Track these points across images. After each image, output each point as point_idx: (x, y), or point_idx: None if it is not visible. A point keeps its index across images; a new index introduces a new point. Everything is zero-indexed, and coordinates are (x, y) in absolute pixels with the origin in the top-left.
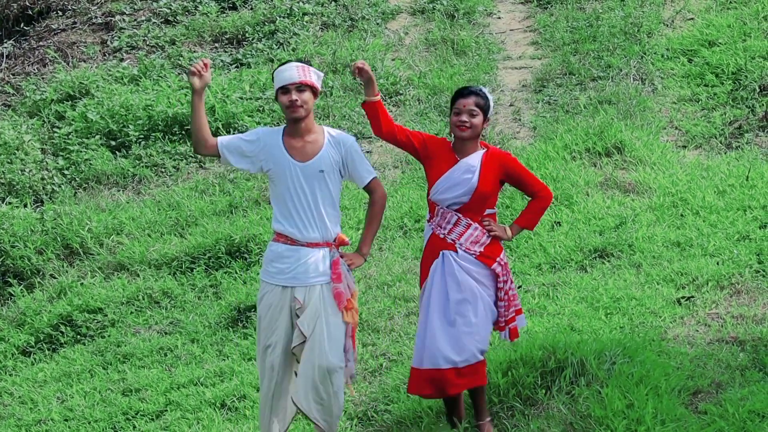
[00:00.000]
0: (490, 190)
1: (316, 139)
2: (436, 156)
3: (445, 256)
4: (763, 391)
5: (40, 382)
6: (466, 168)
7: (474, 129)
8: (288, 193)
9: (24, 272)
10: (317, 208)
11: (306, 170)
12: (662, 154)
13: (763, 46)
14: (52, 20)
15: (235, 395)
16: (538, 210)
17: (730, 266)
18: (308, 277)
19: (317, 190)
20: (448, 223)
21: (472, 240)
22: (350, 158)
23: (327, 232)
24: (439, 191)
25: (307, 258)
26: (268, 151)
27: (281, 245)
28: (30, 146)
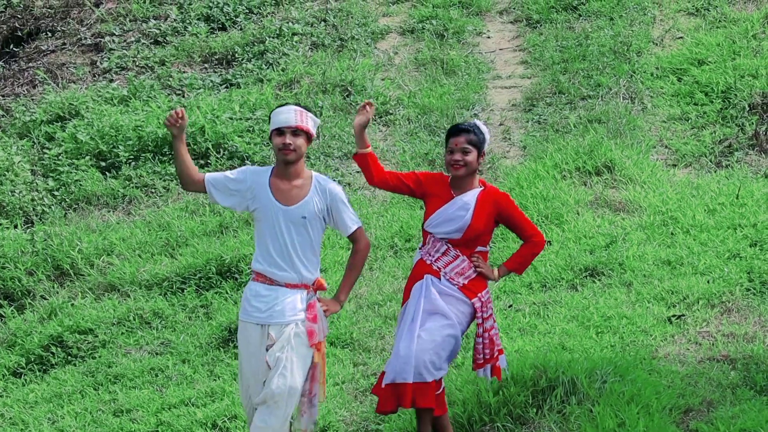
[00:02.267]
0: (482, 228)
1: (303, 185)
2: (433, 192)
3: (427, 279)
4: (754, 410)
5: (31, 403)
6: (461, 205)
7: (468, 166)
8: (269, 235)
9: (14, 293)
10: (296, 253)
11: (288, 215)
12: (652, 172)
13: (752, 65)
14: (42, 41)
15: (227, 415)
16: (529, 255)
17: (721, 284)
18: (284, 317)
19: (296, 236)
20: (437, 251)
21: (458, 271)
22: (335, 208)
23: (305, 275)
24: (432, 225)
25: (285, 298)
26: (254, 190)
27: (260, 285)
28: (20, 167)
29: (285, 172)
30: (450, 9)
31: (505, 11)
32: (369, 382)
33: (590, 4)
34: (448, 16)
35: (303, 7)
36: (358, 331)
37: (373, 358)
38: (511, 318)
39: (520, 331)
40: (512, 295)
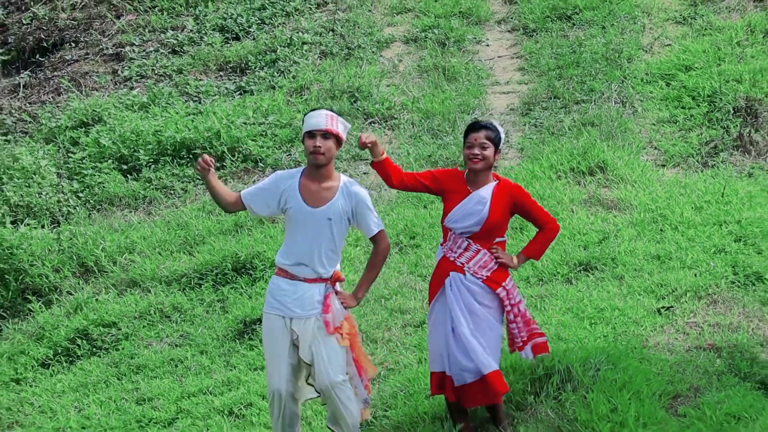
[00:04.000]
0: (500, 220)
1: (331, 187)
2: (450, 188)
3: (453, 277)
4: (738, 395)
5: (58, 392)
6: (478, 200)
7: (486, 161)
8: (295, 233)
9: (42, 289)
10: (318, 251)
11: (314, 216)
12: (642, 172)
13: (737, 70)
14: (66, 51)
15: (242, 403)
16: (545, 241)
17: (707, 278)
18: (304, 310)
19: (321, 236)
20: (459, 247)
21: (480, 265)
22: (360, 210)
23: (324, 271)
24: (452, 220)
25: (304, 293)
26: (286, 194)
27: (282, 279)
28: (46, 171)
29: (315, 174)
30: (451, 19)
31: (503, 21)
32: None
33: (583, 14)
34: (449, 26)
35: (312, 17)
36: (366, 323)
37: (380, 348)
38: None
39: None
40: None
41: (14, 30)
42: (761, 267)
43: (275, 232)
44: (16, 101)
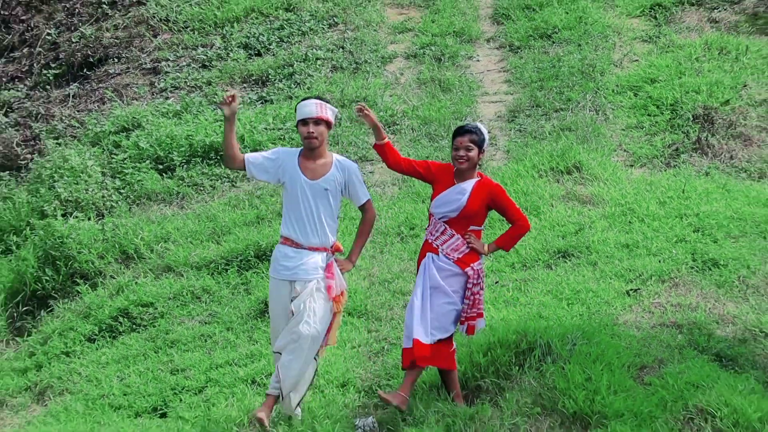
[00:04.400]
0: (475, 210)
1: (325, 163)
2: (440, 179)
3: (428, 257)
4: (697, 366)
5: (102, 363)
6: (459, 190)
7: (470, 161)
8: (297, 204)
9: (88, 274)
10: (319, 219)
11: (313, 187)
12: (613, 172)
13: (695, 83)
14: (110, 66)
15: (264, 373)
16: (515, 236)
17: (670, 263)
18: (307, 275)
19: (320, 205)
20: (437, 231)
21: (453, 248)
22: (351, 182)
23: (326, 239)
24: (435, 206)
25: (308, 259)
26: (285, 167)
27: (287, 247)
28: (92, 170)
29: (310, 154)
30: (446, 37)
31: (491, 39)
32: (380, 346)
33: (562, 33)
34: (444, 44)
35: (324, 36)
36: (371, 303)
37: (383, 326)
38: (497, 292)
39: (505, 303)
40: (498, 273)
41: (65, 47)
42: (717, 254)
43: None
44: (66, 109)
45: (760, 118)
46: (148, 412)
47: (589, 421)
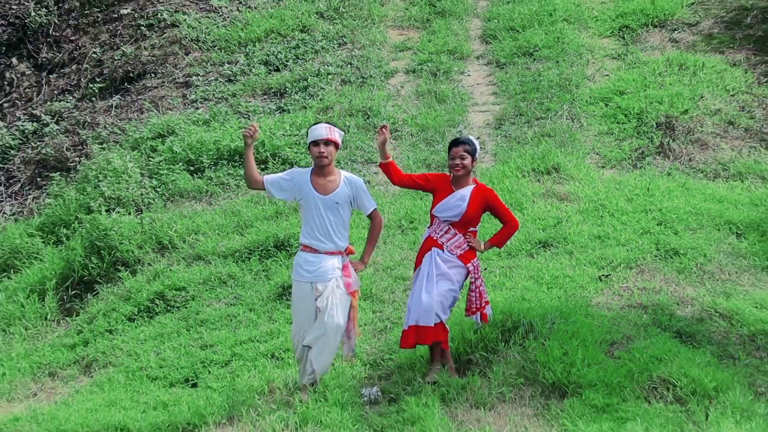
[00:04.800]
0: (474, 214)
1: (334, 180)
2: (439, 187)
3: (434, 251)
4: (660, 342)
5: (141, 340)
6: (459, 197)
7: (465, 168)
8: (312, 217)
9: (129, 261)
10: (332, 229)
11: (325, 201)
12: (587, 172)
13: (659, 94)
14: (147, 80)
15: (282, 349)
16: (507, 235)
17: (637, 252)
18: (327, 275)
19: (332, 216)
20: (441, 230)
21: (456, 245)
22: (358, 195)
23: (339, 244)
24: (438, 210)
25: (326, 262)
26: (299, 186)
27: (307, 254)
28: (132, 171)
29: (321, 172)
30: (441, 55)
31: (480, 56)
32: (384, 325)
33: (542, 51)
34: (439, 60)
35: (335, 54)
36: (376, 287)
37: (386, 307)
38: (486, 278)
39: (492, 287)
40: (486, 261)
41: (108, 64)
42: (677, 244)
43: None
44: (109, 118)
45: (714, 126)
46: (181, 382)
47: (566, 390)
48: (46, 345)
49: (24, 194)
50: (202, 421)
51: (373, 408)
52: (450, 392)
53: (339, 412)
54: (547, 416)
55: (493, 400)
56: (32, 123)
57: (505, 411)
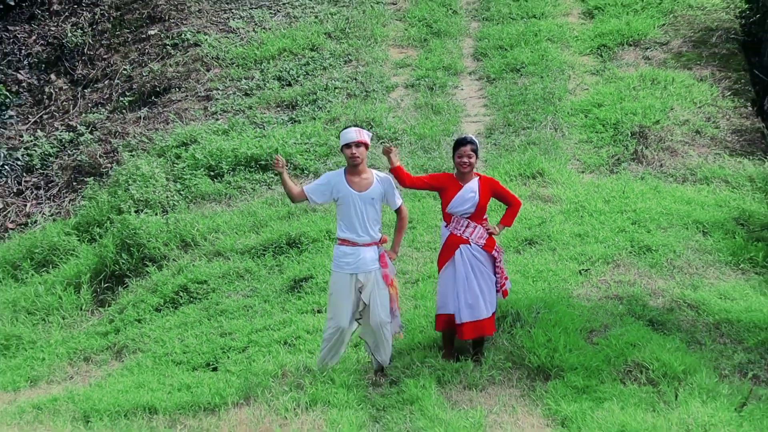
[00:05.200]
0: (485, 203)
1: (368, 178)
2: (446, 186)
3: (462, 249)
4: (634, 330)
5: (166, 328)
6: (470, 190)
7: (471, 165)
8: (349, 213)
9: (155, 257)
10: (368, 222)
11: (362, 198)
12: (568, 177)
13: (633, 107)
14: (172, 94)
15: (293, 336)
16: (514, 214)
17: (613, 249)
18: (366, 266)
19: (369, 211)
20: (461, 226)
21: (479, 236)
22: (389, 192)
23: (374, 236)
24: (454, 206)
25: (364, 254)
26: (336, 186)
27: (346, 247)
28: (158, 176)
29: (355, 171)
30: (437, 71)
31: (472, 72)
32: None
33: (528, 68)
34: (435, 76)
35: (341, 70)
36: None
37: None
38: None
39: None
40: None
41: (137, 80)
42: (650, 241)
43: (315, 218)
44: (138, 128)
45: (683, 135)
46: (203, 366)
47: (550, 373)
48: (81, 333)
49: (61, 197)
50: (222, 401)
51: (375, 389)
52: (445, 375)
53: (345, 393)
54: (533, 397)
55: (483, 382)
56: (69, 133)
57: (495, 392)
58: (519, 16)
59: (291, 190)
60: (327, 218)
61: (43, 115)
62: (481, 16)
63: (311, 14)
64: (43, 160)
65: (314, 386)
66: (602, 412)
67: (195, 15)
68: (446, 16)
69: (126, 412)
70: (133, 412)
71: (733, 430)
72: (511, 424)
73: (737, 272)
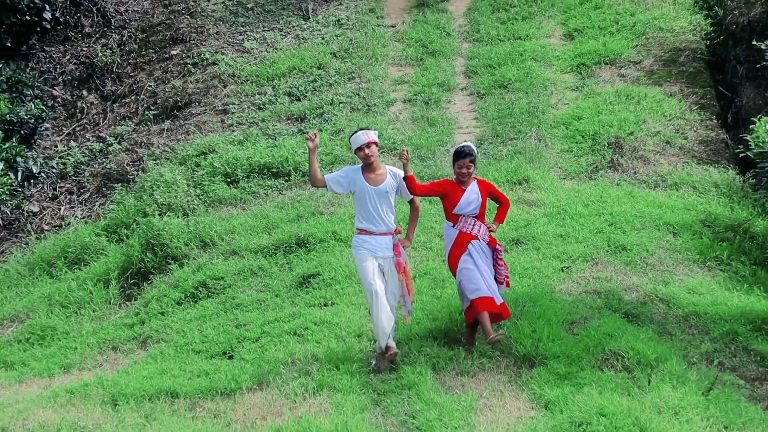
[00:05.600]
0: (485, 203)
1: (382, 173)
2: (449, 191)
3: (474, 244)
4: (611, 321)
5: (187, 320)
6: (474, 192)
7: (470, 175)
8: (366, 205)
9: (177, 256)
10: (384, 213)
11: (377, 191)
12: (551, 183)
13: (610, 120)
14: (192, 108)
15: (302, 327)
16: (505, 211)
17: (592, 248)
18: (383, 251)
19: (383, 203)
20: (470, 224)
21: (484, 233)
22: (402, 185)
23: (390, 225)
24: (461, 208)
25: (381, 242)
26: (353, 180)
27: (364, 236)
28: (180, 182)
29: (370, 168)
30: (432, 87)
31: (464, 88)
32: None
33: (514, 84)
34: (431, 92)
35: (346, 87)
36: None
37: None
38: None
39: None
40: None
41: (161, 95)
42: (625, 241)
43: (322, 220)
44: (161, 139)
45: (654, 145)
46: (220, 355)
47: (535, 361)
48: (110, 324)
49: (92, 201)
50: (237, 386)
51: (376, 376)
52: (439, 362)
53: (349, 379)
54: (519, 382)
55: (474, 369)
56: (99, 143)
57: (485, 378)
58: (506, 37)
59: (315, 172)
60: (333, 220)
61: (75, 127)
62: (472, 38)
63: (318, 36)
64: (76, 168)
65: (321, 373)
66: (582, 396)
67: (213, 37)
68: (440, 37)
69: (150, 396)
70: (156, 396)
71: (701, 413)
72: (500, 407)
73: (704, 269)
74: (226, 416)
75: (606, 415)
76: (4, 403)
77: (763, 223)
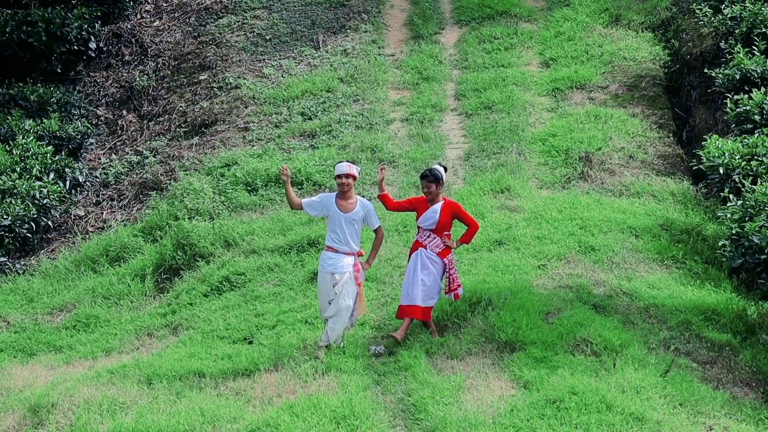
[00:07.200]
0: (445, 223)
1: (353, 202)
2: (420, 207)
3: (420, 250)
4: (581, 312)
5: (213, 310)
6: (433, 211)
7: (432, 193)
8: (335, 228)
9: (204, 254)
10: (350, 237)
11: (346, 218)
12: (530, 192)
13: (581, 137)
14: (218, 126)
15: (313, 317)
16: (471, 234)
17: (565, 248)
18: (343, 269)
19: (350, 228)
20: (425, 236)
21: (435, 245)
22: (368, 215)
23: (353, 248)
24: (422, 221)
25: (343, 259)
26: (327, 206)
27: (330, 252)
28: (206, 190)
29: (343, 196)
30: (426, 108)
31: (454, 109)
32: (385, 300)
33: (498, 106)
34: (425, 112)
35: (351, 107)
36: (379, 273)
37: (387, 287)
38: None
39: (463, 273)
40: (459, 254)
41: (190, 115)
42: (594, 243)
43: None
44: (191, 153)
45: (620, 159)
46: (241, 340)
47: (515, 347)
48: (145, 314)
49: (130, 207)
50: (256, 368)
51: (377, 359)
52: (432, 348)
53: (353, 362)
54: (501, 365)
55: (463, 353)
56: (136, 156)
57: (472, 361)
58: (491, 65)
59: (292, 198)
60: None
61: (116, 142)
62: (461, 65)
63: (327, 63)
64: (117, 178)
65: (329, 356)
66: (556, 377)
67: (236, 64)
68: (434, 65)
69: (180, 376)
70: (185, 376)
71: (659, 392)
72: (485, 387)
73: (662, 267)
74: (246, 394)
75: (577, 394)
76: (54, 381)
77: (713, 227)
